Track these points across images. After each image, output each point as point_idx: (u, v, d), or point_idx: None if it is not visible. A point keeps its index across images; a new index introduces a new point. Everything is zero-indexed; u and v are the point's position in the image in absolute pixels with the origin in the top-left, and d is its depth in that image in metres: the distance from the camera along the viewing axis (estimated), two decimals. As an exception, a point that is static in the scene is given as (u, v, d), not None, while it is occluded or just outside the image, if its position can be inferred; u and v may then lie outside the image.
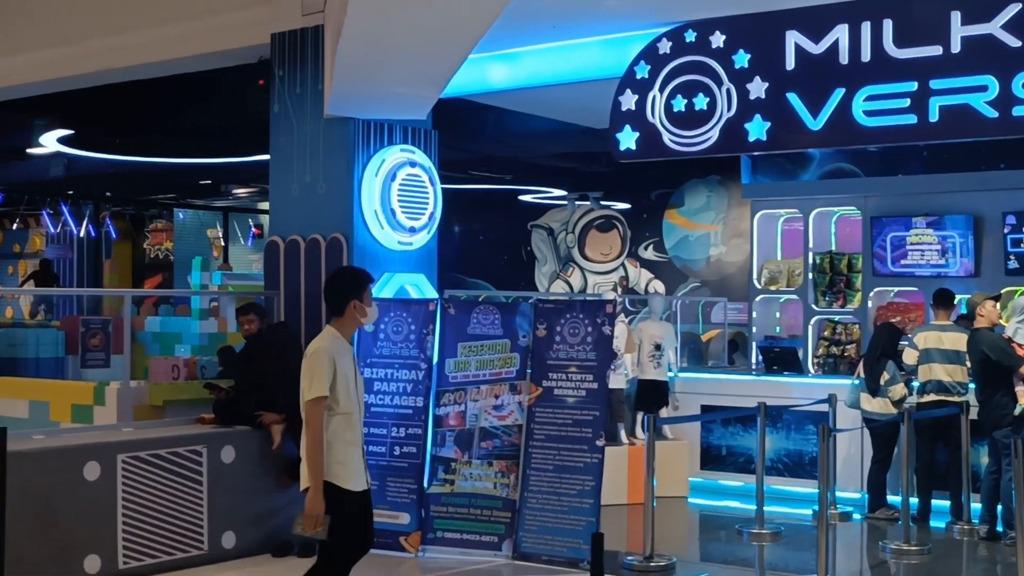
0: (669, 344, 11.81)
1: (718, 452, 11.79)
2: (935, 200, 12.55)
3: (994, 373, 9.44)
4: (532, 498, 8.40)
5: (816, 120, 7.73)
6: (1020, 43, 7.15)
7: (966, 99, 7.33)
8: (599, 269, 16.51)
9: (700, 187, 16.49)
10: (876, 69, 7.55)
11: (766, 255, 13.82)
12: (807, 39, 7.74)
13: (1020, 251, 12.05)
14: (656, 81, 8.20)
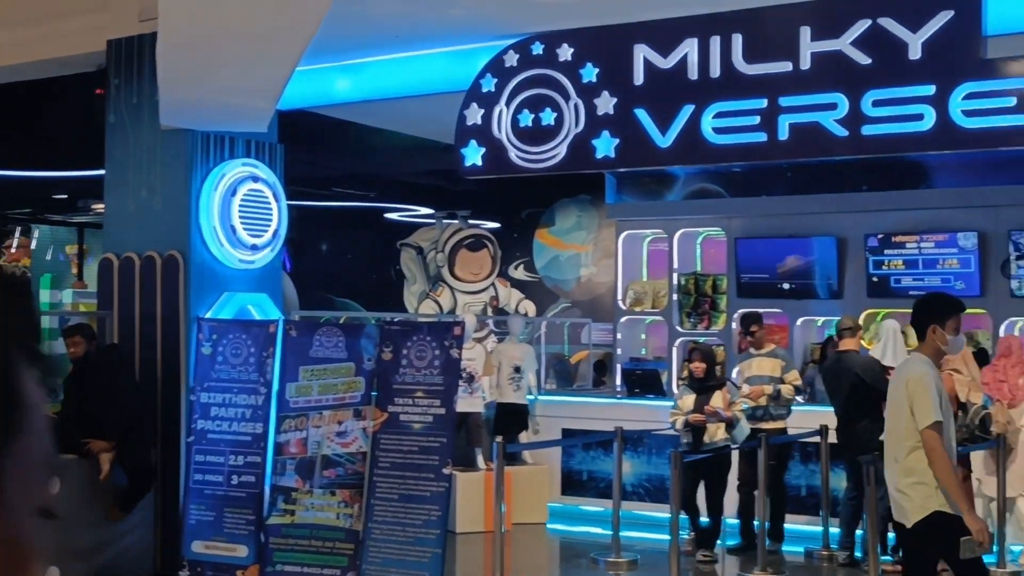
0: (529, 366, 11.54)
1: (579, 477, 11.54)
2: (799, 221, 12.49)
3: (865, 397, 9.36)
4: (376, 529, 8.04)
5: (665, 137, 7.51)
6: (869, 60, 7.01)
7: (816, 117, 7.17)
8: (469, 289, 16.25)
9: (571, 206, 16.29)
10: (725, 85, 7.36)
11: (632, 276, 13.64)
12: (656, 53, 7.52)
13: (882, 273, 12.03)
14: (503, 95, 7.92)
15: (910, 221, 11.95)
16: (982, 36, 6.74)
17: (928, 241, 11.83)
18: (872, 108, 7.00)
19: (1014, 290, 11.49)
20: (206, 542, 8.33)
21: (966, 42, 6.73)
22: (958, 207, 11.82)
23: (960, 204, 11.82)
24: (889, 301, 12.14)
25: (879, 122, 6.99)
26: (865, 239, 12.07)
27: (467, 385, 10.87)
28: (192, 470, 8.42)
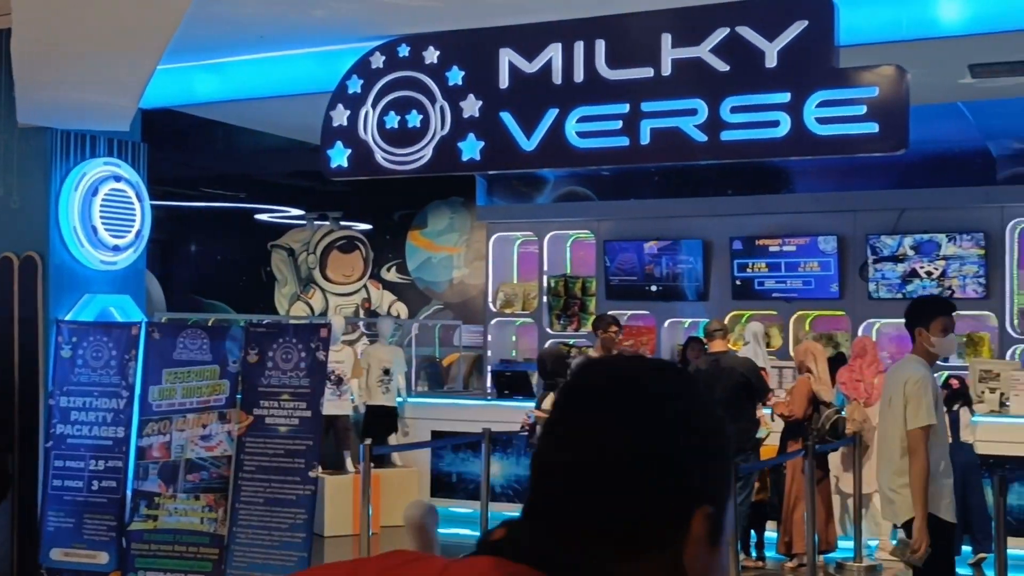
0: (398, 369, 11.53)
1: (448, 479, 11.56)
2: (667, 224, 12.72)
3: (747, 397, 9.54)
4: (241, 533, 7.96)
5: (529, 141, 7.57)
6: (728, 67, 7.15)
7: (676, 122, 7.28)
8: (341, 291, 16.18)
9: (443, 209, 16.29)
10: (589, 90, 7.44)
11: (502, 278, 13.73)
12: (520, 57, 7.57)
13: (746, 275, 12.30)
14: (369, 96, 7.90)
15: (773, 225, 12.25)
16: (835, 46, 6.91)
17: (790, 245, 12.15)
18: (730, 114, 7.14)
19: (871, 293, 11.86)
20: (65, 549, 8.17)
21: (820, 51, 6.90)
22: (819, 212, 12.16)
23: (821, 209, 12.16)
24: (753, 303, 12.44)
25: (737, 128, 7.13)
26: (730, 242, 12.34)
27: (335, 388, 10.83)
28: (51, 476, 8.25)
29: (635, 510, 1.30)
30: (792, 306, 12.22)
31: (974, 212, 11.57)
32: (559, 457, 1.33)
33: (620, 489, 1.30)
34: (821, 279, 12.03)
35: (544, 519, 1.33)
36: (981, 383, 10.31)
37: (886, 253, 11.77)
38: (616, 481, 1.31)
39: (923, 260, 11.63)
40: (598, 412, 1.33)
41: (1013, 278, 11.55)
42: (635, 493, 1.30)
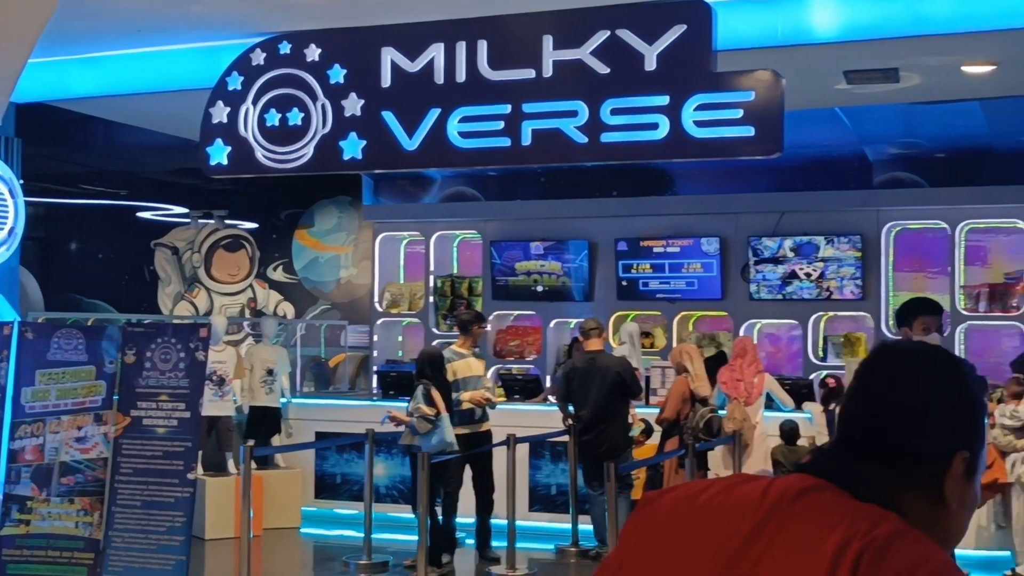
0: (282, 369, 11.42)
1: (332, 480, 11.47)
2: (553, 225, 12.79)
3: (622, 397, 9.73)
4: (117, 537, 7.81)
5: (411, 140, 7.56)
6: (608, 70, 7.22)
7: (557, 124, 7.34)
8: (226, 290, 15.98)
9: (330, 208, 16.17)
10: (471, 90, 7.46)
11: (388, 278, 13.69)
12: (403, 57, 7.56)
13: (630, 276, 12.42)
14: (249, 94, 7.82)
15: (657, 227, 12.39)
16: (713, 51, 7.03)
17: (674, 246, 12.29)
18: (610, 116, 7.21)
19: (753, 294, 12.05)
20: (-67, 556, 7.94)
21: (698, 55, 7.01)
22: (702, 214, 12.32)
23: (704, 211, 12.33)
24: (637, 303, 12.57)
25: (617, 130, 7.21)
26: (615, 243, 12.44)
27: (217, 388, 10.69)
28: (-83, 480, 8.02)
29: (918, 448, 1.77)
30: (676, 307, 12.37)
31: (851, 215, 11.83)
32: (866, 407, 1.83)
33: (910, 431, 1.78)
34: (704, 280, 12.19)
35: (846, 451, 1.82)
36: (857, 382, 10.54)
37: (767, 255, 11.97)
38: (908, 425, 1.78)
39: (802, 262, 11.85)
40: (902, 376, 1.82)
41: (889, 280, 11.82)
42: (920, 435, 1.78)
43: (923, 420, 1.80)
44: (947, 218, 11.54)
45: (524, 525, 9.99)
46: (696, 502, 1.88)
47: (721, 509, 1.84)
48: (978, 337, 11.67)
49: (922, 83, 9.19)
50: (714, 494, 1.87)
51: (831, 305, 11.89)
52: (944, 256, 11.66)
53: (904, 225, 11.84)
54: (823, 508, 1.76)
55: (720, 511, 1.84)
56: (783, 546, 1.75)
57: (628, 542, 1.90)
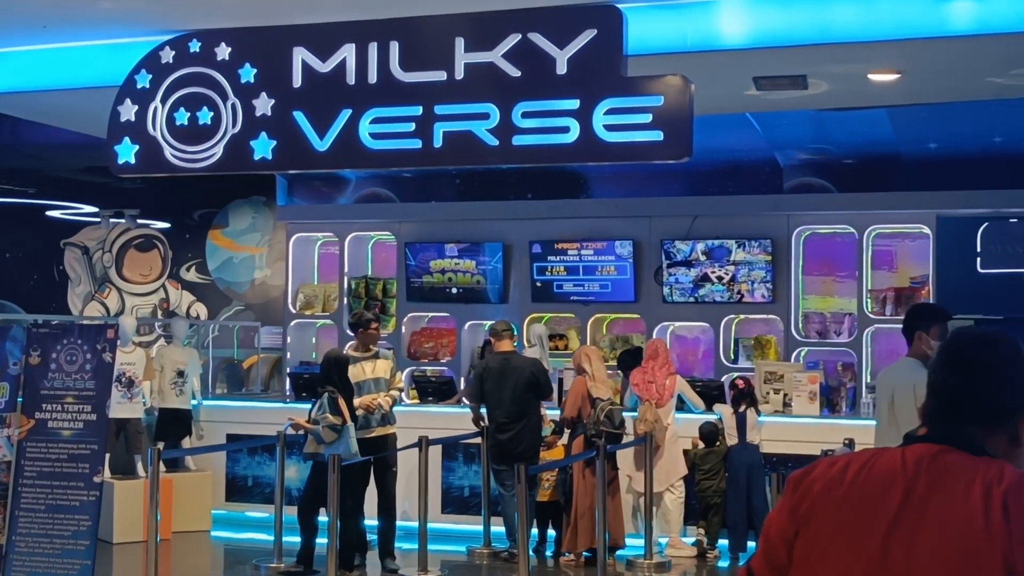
0: (193, 370, 11.31)
1: (244, 483, 11.38)
2: (468, 227, 12.80)
3: (535, 397, 9.91)
4: (21, 542, 7.69)
5: (323, 141, 7.52)
6: (520, 73, 7.24)
7: (468, 126, 7.35)
8: (138, 291, 15.78)
9: (245, 208, 16.02)
10: (382, 92, 7.44)
11: (302, 279, 13.61)
12: (314, 57, 7.52)
13: (545, 278, 12.47)
14: (158, 92, 7.72)
15: (572, 229, 12.45)
16: (623, 55, 7.08)
17: (588, 249, 12.36)
18: (521, 119, 7.23)
19: (666, 296, 12.16)
20: None
21: (608, 60, 7.05)
22: (616, 217, 12.41)
23: (618, 214, 12.42)
24: (551, 305, 12.62)
25: (528, 133, 7.24)
26: (530, 245, 12.49)
27: (126, 390, 10.57)
28: None
29: (1003, 406, 2.41)
30: (589, 309, 12.44)
31: (762, 220, 11.98)
32: (962, 382, 2.44)
33: (997, 394, 2.42)
34: (618, 283, 12.28)
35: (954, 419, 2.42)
36: (766, 384, 10.69)
37: (679, 258, 12.09)
38: (995, 390, 2.42)
39: (714, 265, 11.98)
40: (985, 355, 2.46)
41: (798, 283, 11.99)
42: (1004, 397, 2.42)
43: (1004, 385, 2.45)
44: (855, 223, 11.74)
45: (436, 527, 10.00)
46: (844, 479, 2.42)
47: (870, 482, 2.40)
48: (884, 339, 11.87)
49: (830, 90, 9.33)
50: (856, 470, 2.42)
51: (742, 308, 12.03)
52: (852, 261, 11.86)
53: (813, 230, 12.03)
54: (957, 466, 2.36)
55: (869, 483, 2.39)
56: (937, 501, 2.32)
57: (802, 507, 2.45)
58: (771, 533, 2.50)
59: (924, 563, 2.29)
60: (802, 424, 10.28)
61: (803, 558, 2.43)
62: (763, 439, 10.06)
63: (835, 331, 11.92)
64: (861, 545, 2.35)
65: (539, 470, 9.75)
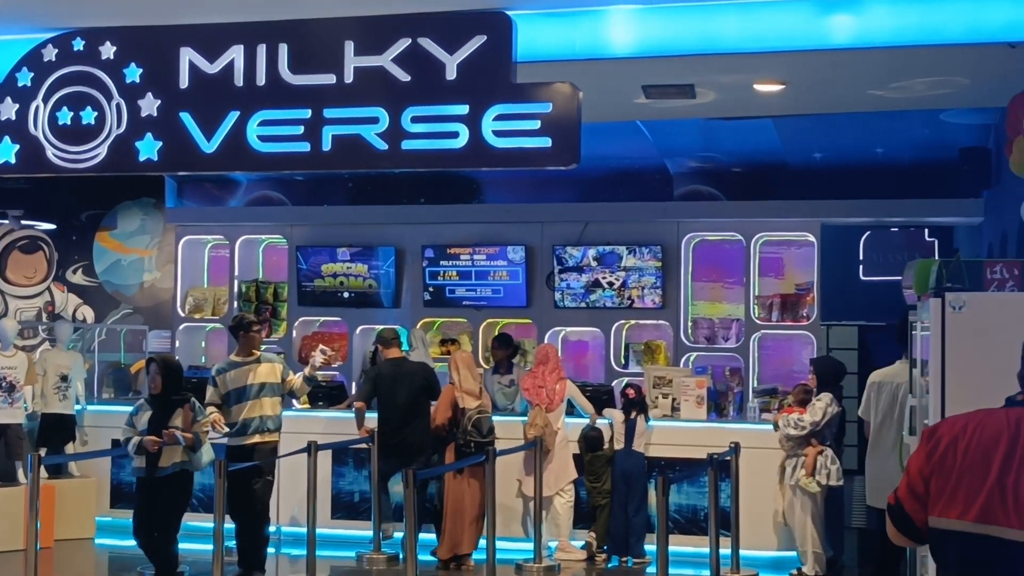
0: (77, 375, 11.11)
1: (129, 489, 11.18)
2: (361, 231, 12.75)
3: (426, 400, 10.07)
4: None
5: (210, 143, 7.46)
6: (409, 78, 7.26)
7: (358, 129, 7.34)
8: (22, 293, 15.42)
9: (134, 209, 15.72)
10: (271, 94, 7.40)
11: (192, 282, 13.44)
12: (202, 58, 7.45)
13: (437, 283, 12.47)
14: (40, 91, 7.58)
15: (464, 234, 12.47)
16: (512, 62, 7.13)
17: (480, 254, 12.39)
18: (411, 124, 7.25)
19: (557, 302, 12.24)
20: None
21: (497, 66, 7.10)
22: (508, 222, 12.46)
23: (510, 219, 12.47)
24: (444, 310, 12.63)
25: (417, 137, 7.26)
26: (422, 250, 12.48)
27: (7, 395, 10.34)
28: None
29: None
30: (482, 314, 12.47)
31: (653, 226, 12.12)
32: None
33: None
34: (510, 288, 12.32)
35: None
36: (655, 389, 10.81)
37: (571, 263, 12.17)
38: None
39: (605, 271, 12.09)
40: None
41: (688, 289, 12.16)
42: None
43: None
44: (743, 231, 11.93)
45: (325, 533, 9.96)
46: (966, 433, 3.33)
47: (985, 434, 3.30)
48: (771, 345, 12.10)
49: (717, 99, 9.49)
50: (974, 427, 3.34)
51: (632, 313, 12.16)
52: (740, 267, 12.06)
53: (702, 237, 12.20)
54: None
55: (984, 435, 3.30)
56: None
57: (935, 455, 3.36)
58: (912, 471, 3.45)
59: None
60: (690, 428, 10.41)
61: (939, 490, 3.33)
62: (651, 443, 10.18)
63: (723, 336, 12.10)
64: (982, 480, 3.25)
65: (427, 475, 9.78)
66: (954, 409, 6.81)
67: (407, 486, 7.64)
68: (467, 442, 9.67)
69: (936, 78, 8.78)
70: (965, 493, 3.28)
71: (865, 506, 9.64)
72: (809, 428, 9.21)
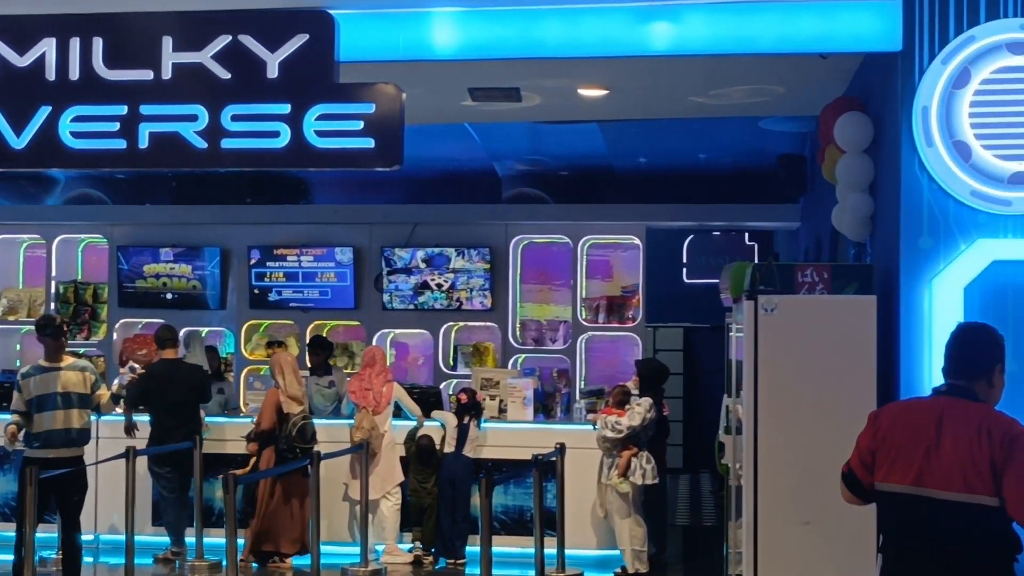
0: None
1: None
2: (185, 232, 12.50)
3: (197, 400, 10.15)
4: None
5: (19, 139, 7.19)
6: (230, 75, 7.12)
7: (176, 127, 7.17)
8: None
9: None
10: (85, 89, 7.17)
11: (6, 283, 12.98)
12: (12, 51, 7.18)
13: (264, 285, 12.30)
14: None
15: (291, 235, 12.34)
16: (335, 61, 7.06)
17: (308, 255, 12.27)
18: (231, 122, 7.11)
19: (386, 304, 12.19)
20: None
21: (320, 65, 7.02)
22: (336, 223, 12.37)
23: (338, 220, 12.38)
24: (270, 312, 12.48)
25: (237, 136, 7.13)
26: (248, 251, 12.30)
27: None
28: None
29: (987, 365, 4.39)
30: (309, 316, 12.34)
31: (481, 228, 12.17)
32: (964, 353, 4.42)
33: (983, 358, 4.40)
34: (338, 290, 12.23)
35: (957, 378, 4.39)
36: (483, 390, 10.84)
37: (400, 265, 12.14)
38: (983, 356, 4.41)
39: (434, 273, 12.09)
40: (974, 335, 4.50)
41: (516, 292, 12.24)
42: (987, 360, 4.40)
43: (989, 352, 4.41)
44: (570, 233, 12.08)
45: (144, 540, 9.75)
46: (903, 414, 4.47)
47: (916, 415, 4.39)
48: (598, 347, 12.28)
49: (543, 103, 9.58)
50: (908, 412, 4.47)
51: (461, 315, 12.19)
52: (567, 269, 12.19)
53: (531, 239, 12.30)
54: (964, 408, 4.29)
55: (916, 416, 4.38)
56: (953, 429, 4.24)
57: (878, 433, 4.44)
58: (860, 446, 4.51)
59: (949, 460, 4.21)
60: (517, 430, 10.47)
61: (882, 461, 4.39)
62: (478, 446, 10.21)
63: (551, 338, 12.23)
64: (915, 453, 4.29)
65: (249, 479, 9.65)
66: (767, 408, 7.04)
67: (227, 491, 7.51)
68: (290, 447, 9.59)
69: (753, 86, 9.03)
70: (903, 463, 4.31)
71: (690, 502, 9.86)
72: (626, 432, 9.35)
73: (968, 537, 4.19)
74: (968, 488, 4.16)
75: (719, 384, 8.93)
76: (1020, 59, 6.82)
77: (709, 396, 12.46)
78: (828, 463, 6.91)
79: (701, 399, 14.78)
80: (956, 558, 4.21)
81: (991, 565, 4.23)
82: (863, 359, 6.99)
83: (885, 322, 7.11)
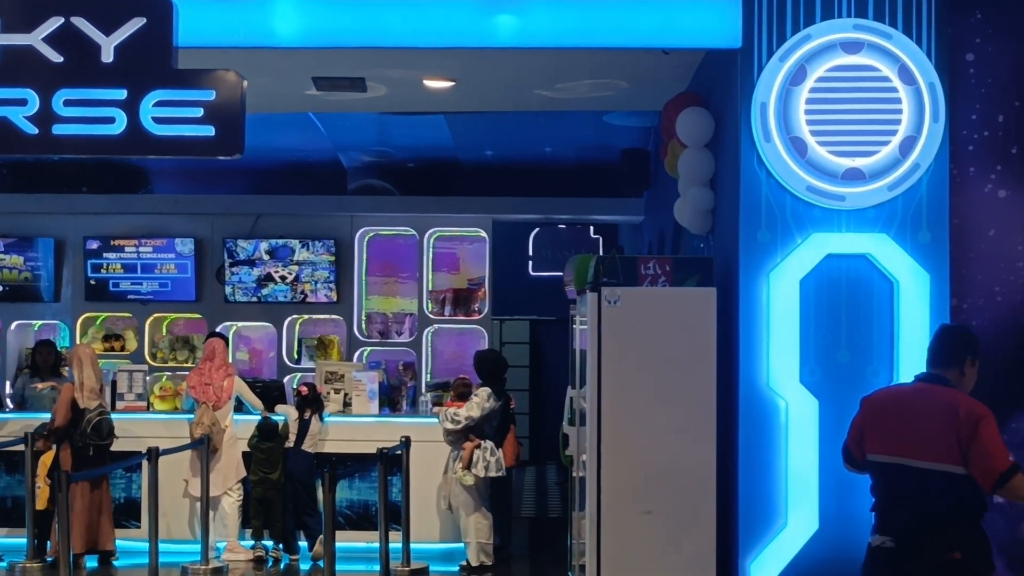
0: None
1: None
2: (16, 221, 12.08)
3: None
4: None
5: None
6: (62, 59, 6.87)
7: (4, 112, 6.89)
8: None
9: None
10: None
11: None
12: None
13: (100, 276, 11.97)
14: None
15: (130, 225, 12.03)
16: (174, 46, 6.86)
17: (147, 246, 11.99)
18: (64, 108, 6.85)
19: (228, 296, 11.98)
20: None
21: (157, 50, 6.81)
22: (177, 213, 12.11)
23: (179, 211, 12.12)
24: (108, 304, 12.16)
25: (70, 122, 6.87)
26: (84, 241, 11.95)
27: None
28: None
29: (959, 356, 5.19)
30: (148, 308, 12.05)
31: (326, 220, 12.05)
32: (942, 346, 5.24)
33: (956, 351, 5.21)
34: (178, 281, 11.97)
35: (934, 367, 5.21)
36: (327, 384, 10.71)
37: (243, 257, 11.93)
38: (955, 349, 5.21)
39: (278, 264, 11.92)
40: (949, 333, 5.34)
41: (362, 284, 12.15)
42: (960, 352, 5.20)
43: (960, 346, 5.19)
44: (416, 225, 12.03)
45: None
46: (888, 399, 5.30)
47: (899, 400, 5.23)
48: (444, 339, 12.27)
49: (388, 94, 9.50)
50: (892, 394, 5.43)
51: (306, 308, 12.05)
52: (413, 262, 12.14)
53: (376, 231, 12.22)
54: (938, 392, 5.06)
55: (899, 401, 5.22)
56: (928, 409, 5.03)
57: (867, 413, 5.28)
58: (854, 425, 5.33)
59: (923, 434, 4.98)
60: (362, 423, 10.37)
61: (871, 436, 5.19)
62: (323, 439, 10.08)
63: (396, 331, 12.17)
64: (896, 428, 5.09)
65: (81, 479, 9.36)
66: (610, 399, 7.12)
67: (59, 489, 7.26)
68: (86, 445, 9.27)
69: (597, 80, 9.11)
70: (887, 437, 5.13)
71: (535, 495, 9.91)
72: (465, 423, 9.34)
73: (940, 499, 4.97)
74: (938, 458, 4.94)
75: (565, 377, 8.99)
76: (853, 58, 7.02)
77: (555, 388, 12.53)
78: (670, 453, 7.10)
79: (547, 391, 14.88)
80: (931, 516, 4.98)
81: (962, 523, 4.98)
82: (703, 350, 7.11)
83: (725, 313, 7.25)
